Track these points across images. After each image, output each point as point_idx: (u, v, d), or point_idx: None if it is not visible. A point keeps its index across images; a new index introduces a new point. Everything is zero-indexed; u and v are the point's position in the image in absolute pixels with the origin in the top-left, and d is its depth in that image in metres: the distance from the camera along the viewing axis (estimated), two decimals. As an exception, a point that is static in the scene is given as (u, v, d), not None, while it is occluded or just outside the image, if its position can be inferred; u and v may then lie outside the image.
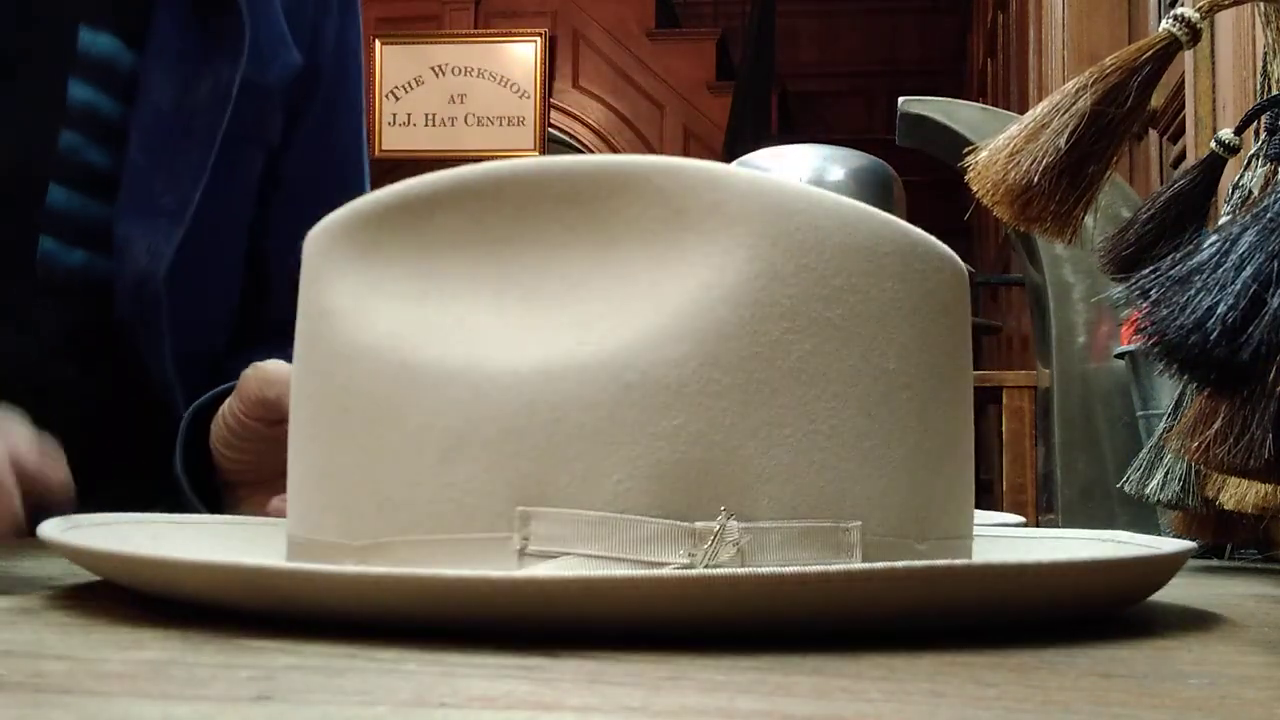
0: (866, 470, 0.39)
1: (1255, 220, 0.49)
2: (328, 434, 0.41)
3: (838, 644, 0.33)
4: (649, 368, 0.37)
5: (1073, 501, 1.05)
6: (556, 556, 0.37)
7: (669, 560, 0.36)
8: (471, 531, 0.37)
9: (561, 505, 0.37)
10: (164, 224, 0.79)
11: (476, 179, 0.41)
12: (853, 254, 0.40)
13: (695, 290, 0.38)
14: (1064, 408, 1.06)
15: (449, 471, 0.38)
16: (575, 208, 0.40)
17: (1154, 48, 0.59)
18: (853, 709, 0.26)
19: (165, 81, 0.80)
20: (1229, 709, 0.28)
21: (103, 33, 0.79)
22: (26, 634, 0.34)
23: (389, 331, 0.40)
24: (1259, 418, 0.49)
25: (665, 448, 0.37)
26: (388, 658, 0.31)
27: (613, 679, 0.29)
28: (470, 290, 0.40)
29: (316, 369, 0.42)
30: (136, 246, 0.78)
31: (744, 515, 0.37)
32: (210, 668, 0.30)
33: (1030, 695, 0.28)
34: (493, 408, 0.38)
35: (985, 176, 0.59)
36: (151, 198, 0.79)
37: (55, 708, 0.25)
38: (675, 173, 0.40)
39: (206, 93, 0.80)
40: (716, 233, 0.39)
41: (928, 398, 0.41)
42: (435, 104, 6.35)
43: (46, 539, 0.41)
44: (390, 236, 0.42)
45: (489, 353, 0.38)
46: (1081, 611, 0.40)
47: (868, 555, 0.38)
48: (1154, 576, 0.41)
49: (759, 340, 0.38)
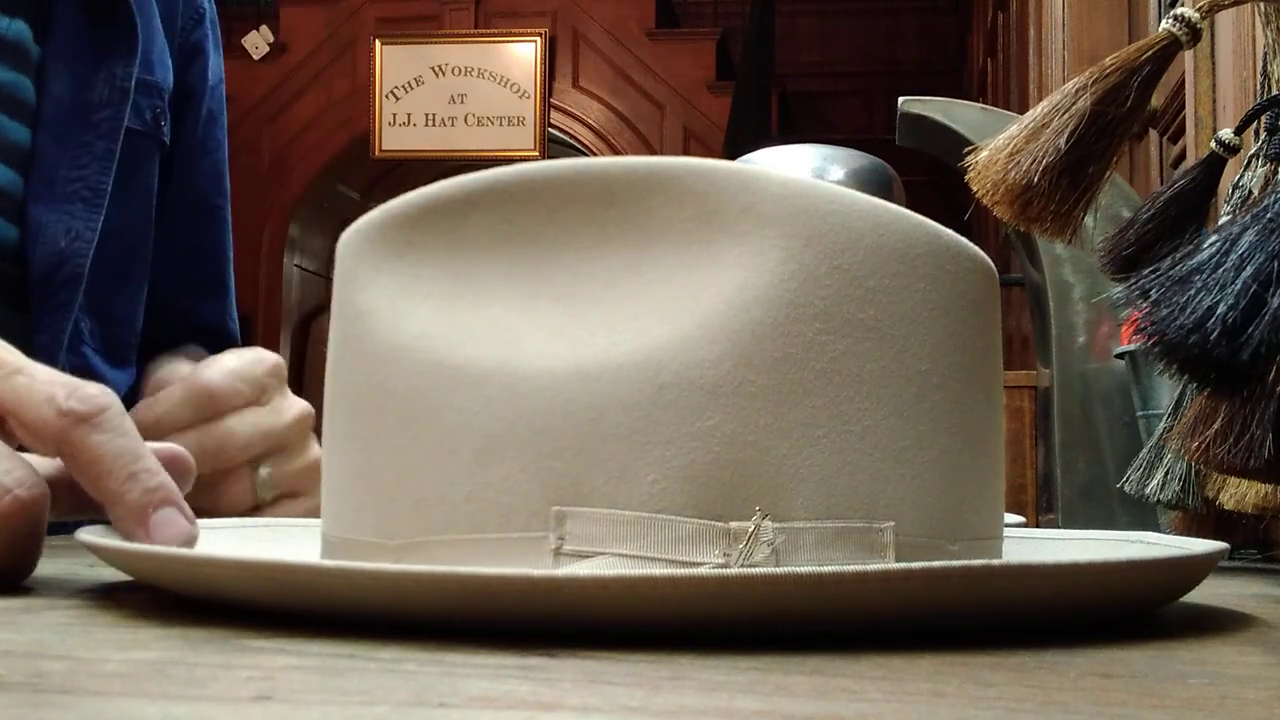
0: (899, 471, 0.39)
1: (1255, 220, 0.49)
2: (362, 434, 0.41)
3: (838, 644, 0.33)
4: (683, 368, 0.37)
5: (1073, 501, 1.05)
6: (592, 556, 0.37)
7: (704, 560, 0.37)
8: (507, 531, 0.38)
9: (597, 505, 0.37)
10: (80, 209, 0.81)
11: (510, 180, 0.41)
12: (885, 255, 0.40)
13: (729, 291, 0.38)
14: (1064, 408, 1.06)
15: (485, 471, 0.38)
16: (609, 209, 0.41)
17: (1154, 48, 0.59)
18: (853, 709, 0.26)
19: (64, 74, 0.82)
20: (1229, 709, 0.28)
21: (16, 18, 0.81)
22: (26, 634, 0.34)
23: (424, 331, 0.40)
24: (1259, 418, 0.49)
25: (700, 448, 0.37)
26: (388, 658, 0.31)
27: (613, 679, 0.29)
28: (504, 291, 0.41)
29: (351, 368, 0.42)
30: (53, 229, 0.80)
31: (778, 515, 0.37)
32: (210, 668, 0.30)
33: (1030, 695, 0.28)
34: (528, 408, 0.38)
35: (985, 176, 0.59)
36: (60, 183, 0.81)
37: (55, 708, 0.25)
38: (708, 174, 0.40)
39: (103, 88, 0.83)
40: (749, 234, 0.39)
41: (959, 399, 0.41)
42: (435, 104, 6.35)
43: (83, 541, 0.41)
44: (424, 237, 0.42)
45: (524, 353, 0.39)
46: (1118, 611, 0.40)
47: (900, 556, 0.38)
48: (1190, 577, 0.42)
49: (793, 341, 0.38)
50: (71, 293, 0.80)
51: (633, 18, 6.30)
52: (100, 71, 0.83)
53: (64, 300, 0.80)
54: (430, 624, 0.34)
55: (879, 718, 0.26)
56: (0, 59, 0.80)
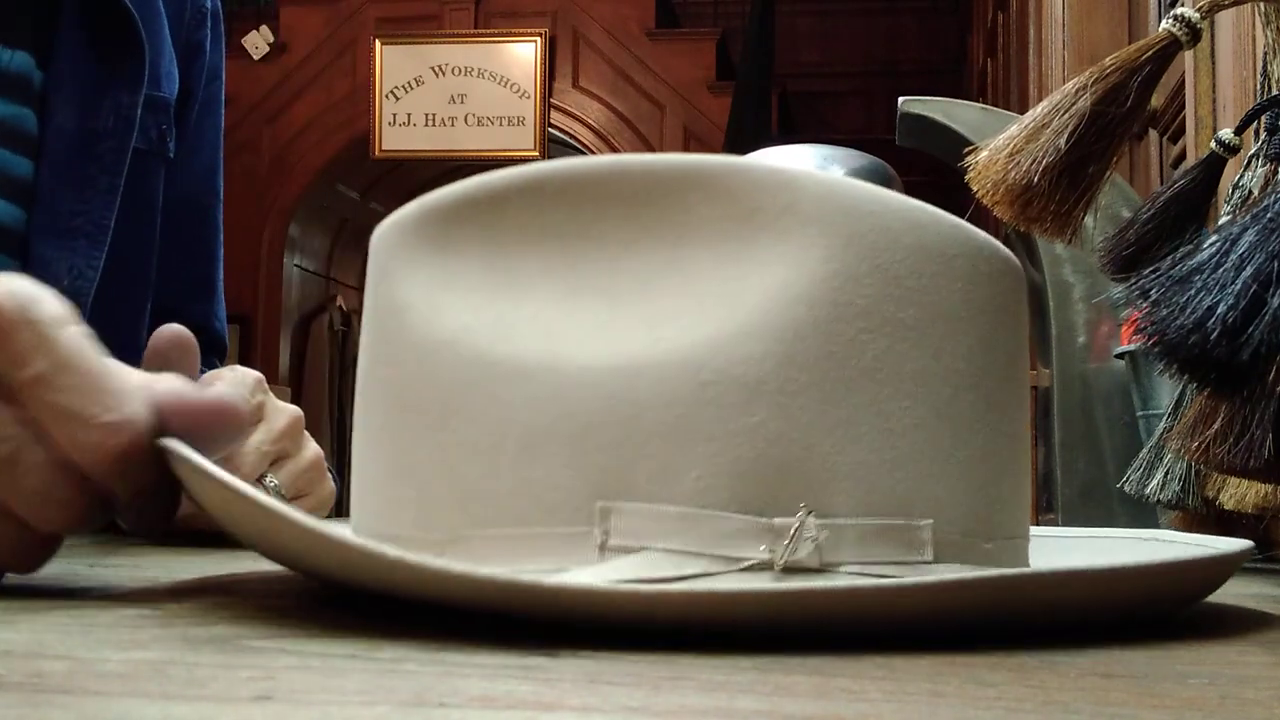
0: (937, 469, 0.39)
1: (1255, 220, 0.49)
2: (401, 428, 0.41)
3: (838, 644, 0.33)
4: (727, 365, 0.38)
5: (1073, 501, 1.05)
6: (637, 551, 0.37)
7: (748, 556, 0.37)
8: (551, 525, 0.38)
9: (641, 501, 0.37)
10: (83, 245, 0.80)
11: (547, 176, 0.42)
12: (923, 255, 0.40)
13: (772, 289, 0.39)
14: (1064, 408, 1.06)
15: (528, 466, 0.38)
16: (646, 207, 0.41)
17: (1154, 48, 0.59)
18: (853, 709, 0.26)
19: (68, 104, 0.81)
20: (1229, 709, 0.28)
21: (18, 50, 0.80)
22: (26, 634, 0.34)
23: (464, 326, 0.40)
24: (1259, 418, 0.49)
25: (744, 444, 0.37)
26: (388, 658, 0.31)
27: (613, 679, 0.29)
28: (542, 286, 0.41)
29: (389, 363, 0.42)
30: (56, 266, 0.79)
31: (821, 512, 0.37)
32: (210, 668, 0.30)
33: (1030, 695, 0.28)
34: (571, 403, 0.38)
35: (985, 176, 0.59)
36: (63, 217, 0.80)
37: (55, 708, 0.25)
38: (746, 173, 0.40)
39: (108, 117, 0.82)
40: (790, 233, 0.39)
41: (993, 398, 0.41)
42: (435, 104, 6.35)
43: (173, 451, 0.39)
44: (461, 232, 0.42)
45: (565, 349, 0.39)
46: (1152, 611, 0.41)
47: (938, 553, 0.39)
48: (1222, 575, 0.42)
49: (835, 339, 0.38)
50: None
51: (633, 18, 6.30)
52: (106, 99, 0.82)
53: None
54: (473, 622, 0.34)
55: (879, 718, 0.26)
56: (2, 93, 0.79)
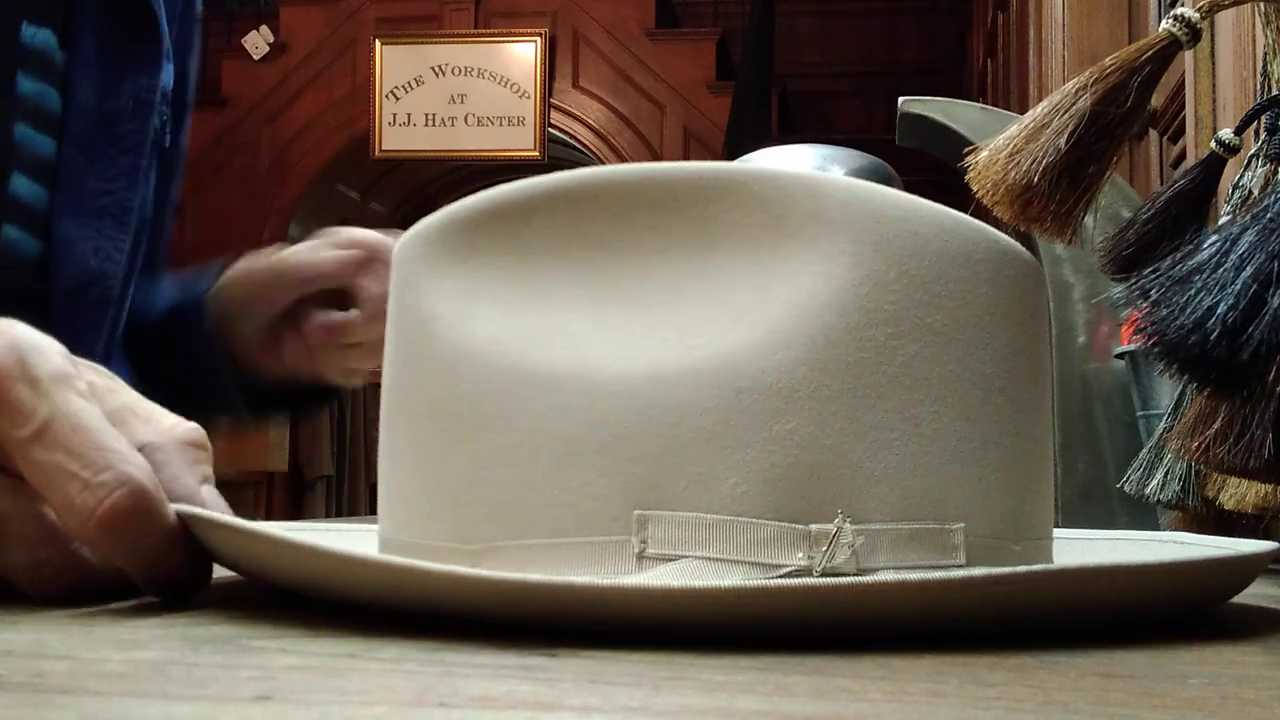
0: (967, 473, 0.39)
1: (1255, 220, 0.49)
2: (431, 440, 0.41)
3: (838, 644, 0.33)
4: (760, 373, 0.38)
5: (1073, 502, 1.05)
6: (676, 560, 0.37)
7: (786, 563, 0.37)
8: (588, 535, 0.38)
9: (678, 509, 0.37)
10: (109, 226, 0.80)
11: (572, 185, 0.42)
12: (950, 260, 0.40)
13: (802, 296, 0.39)
14: (1064, 408, 1.06)
15: (564, 476, 0.38)
16: (673, 215, 0.41)
17: (1154, 48, 0.59)
18: (853, 709, 0.26)
19: (88, 84, 0.81)
20: (1229, 709, 0.28)
21: (42, 28, 0.80)
22: (26, 634, 0.34)
23: (492, 336, 0.40)
24: (1259, 418, 0.49)
25: (779, 451, 0.37)
26: (388, 658, 0.31)
27: (613, 679, 0.29)
28: (570, 296, 0.41)
29: (417, 374, 0.42)
30: (82, 247, 0.79)
31: (855, 517, 0.38)
32: (210, 668, 0.30)
33: (1030, 695, 0.28)
34: (606, 413, 0.38)
35: (985, 176, 0.59)
36: (87, 197, 0.80)
37: (55, 708, 0.25)
38: (773, 180, 0.41)
39: (128, 99, 0.82)
40: (818, 239, 0.39)
41: (1019, 401, 0.41)
42: (435, 104, 6.35)
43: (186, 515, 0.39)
44: (487, 242, 0.42)
45: (596, 358, 0.39)
46: (1177, 611, 0.41)
47: (970, 556, 0.39)
48: (1245, 577, 0.42)
49: (865, 345, 0.39)
50: (100, 315, 0.79)
51: (633, 18, 6.30)
52: (124, 81, 0.82)
53: (93, 321, 0.79)
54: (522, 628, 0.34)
55: (879, 718, 0.26)
56: (27, 70, 0.79)
